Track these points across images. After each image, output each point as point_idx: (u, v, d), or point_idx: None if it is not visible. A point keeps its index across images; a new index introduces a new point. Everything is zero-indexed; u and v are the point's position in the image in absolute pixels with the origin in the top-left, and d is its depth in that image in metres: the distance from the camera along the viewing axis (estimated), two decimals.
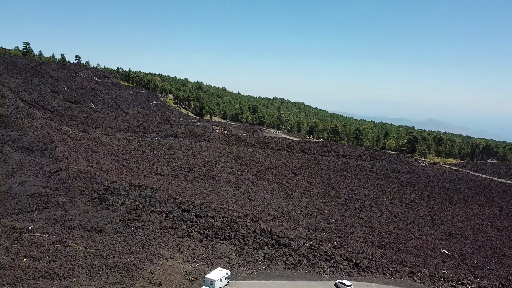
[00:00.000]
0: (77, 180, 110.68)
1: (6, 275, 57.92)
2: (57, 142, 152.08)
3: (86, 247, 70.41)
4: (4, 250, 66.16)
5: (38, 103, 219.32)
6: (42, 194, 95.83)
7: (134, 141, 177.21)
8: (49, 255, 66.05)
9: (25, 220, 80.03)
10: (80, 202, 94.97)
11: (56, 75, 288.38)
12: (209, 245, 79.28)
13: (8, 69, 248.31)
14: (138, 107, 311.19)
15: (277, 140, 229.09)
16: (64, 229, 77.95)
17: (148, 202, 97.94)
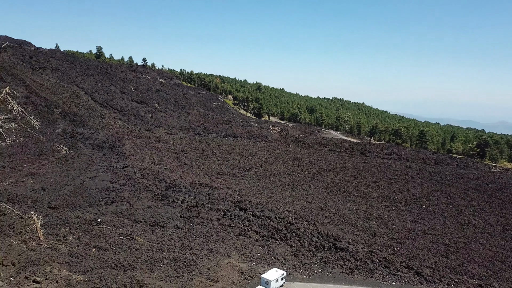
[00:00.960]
0: (141, 177, 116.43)
1: (77, 263, 62.40)
2: (124, 140, 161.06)
3: (149, 241, 73.86)
4: (76, 240, 71.35)
5: (108, 103, 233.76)
6: (110, 189, 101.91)
7: (195, 140, 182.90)
8: (115, 247, 70.15)
9: (95, 213, 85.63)
10: (144, 198, 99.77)
11: (124, 77, 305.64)
12: (265, 244, 79.76)
13: (82, 72, 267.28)
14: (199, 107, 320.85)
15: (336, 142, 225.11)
16: (129, 222, 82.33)
17: (207, 200, 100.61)
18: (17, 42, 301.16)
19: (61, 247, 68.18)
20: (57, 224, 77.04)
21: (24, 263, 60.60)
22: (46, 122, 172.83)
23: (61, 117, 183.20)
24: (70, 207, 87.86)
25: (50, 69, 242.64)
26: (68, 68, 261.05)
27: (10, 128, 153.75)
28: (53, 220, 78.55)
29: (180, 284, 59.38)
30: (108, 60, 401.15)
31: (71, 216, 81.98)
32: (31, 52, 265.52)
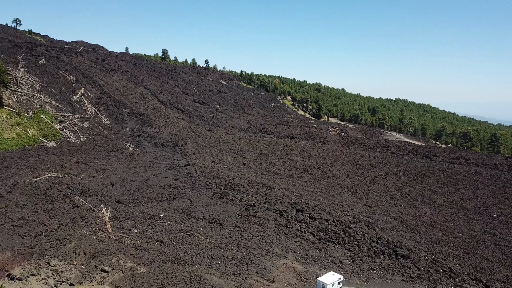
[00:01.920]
0: (202, 175, 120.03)
1: (141, 256, 65.78)
2: (187, 139, 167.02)
3: (208, 238, 75.96)
4: (140, 233, 75.21)
5: (172, 104, 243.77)
6: (173, 186, 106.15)
7: (253, 141, 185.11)
8: (176, 242, 72.98)
9: (158, 208, 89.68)
10: (204, 196, 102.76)
11: (187, 78, 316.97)
12: (322, 247, 78.77)
13: (149, 74, 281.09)
14: (258, 108, 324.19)
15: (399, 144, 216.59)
16: (190, 219, 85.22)
17: (265, 200, 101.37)
18: (92, 47, 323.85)
19: (127, 239, 72.23)
20: (123, 217, 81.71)
21: (94, 253, 64.97)
22: (115, 121, 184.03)
23: (129, 117, 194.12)
24: (135, 202, 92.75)
25: (120, 71, 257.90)
26: (136, 70, 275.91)
27: (84, 126, 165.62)
28: (120, 213, 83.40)
29: (236, 282, 60.46)
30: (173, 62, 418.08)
31: (136, 210, 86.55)
32: (103, 56, 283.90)
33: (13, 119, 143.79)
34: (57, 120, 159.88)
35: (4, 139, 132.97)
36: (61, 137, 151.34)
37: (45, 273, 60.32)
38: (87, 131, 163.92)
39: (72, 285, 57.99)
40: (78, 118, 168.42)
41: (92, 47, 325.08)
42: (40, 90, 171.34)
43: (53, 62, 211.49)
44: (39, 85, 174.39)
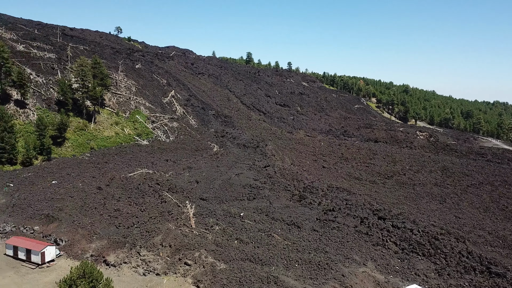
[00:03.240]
0: (281, 176, 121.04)
1: (221, 252, 68.35)
2: (267, 141, 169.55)
3: (285, 240, 76.44)
4: (221, 231, 78.13)
5: (254, 106, 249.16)
6: (253, 186, 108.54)
7: (334, 144, 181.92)
8: (255, 241, 74.55)
9: (238, 207, 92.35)
10: (283, 197, 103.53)
11: (270, 81, 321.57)
12: (405, 258, 74.92)
13: (234, 76, 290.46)
14: (341, 110, 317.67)
15: (496, 151, 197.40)
16: (268, 219, 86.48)
17: (344, 205, 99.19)
18: (182, 51, 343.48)
19: (209, 235, 75.52)
20: (206, 214, 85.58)
21: (179, 246, 69.01)
22: (202, 122, 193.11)
23: (214, 118, 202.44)
24: (218, 200, 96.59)
25: (207, 74, 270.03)
26: (222, 73, 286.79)
27: (173, 126, 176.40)
28: (203, 210, 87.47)
29: (313, 286, 60.06)
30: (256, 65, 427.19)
31: (218, 208, 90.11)
32: (192, 60, 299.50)
33: (113, 119, 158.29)
34: (150, 120, 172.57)
35: (104, 136, 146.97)
36: (153, 136, 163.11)
37: (135, 262, 65.53)
38: (176, 131, 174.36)
39: (158, 275, 62.25)
40: (168, 119, 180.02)
41: (182, 51, 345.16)
42: (136, 93, 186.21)
43: (148, 66, 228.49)
44: (135, 87, 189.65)
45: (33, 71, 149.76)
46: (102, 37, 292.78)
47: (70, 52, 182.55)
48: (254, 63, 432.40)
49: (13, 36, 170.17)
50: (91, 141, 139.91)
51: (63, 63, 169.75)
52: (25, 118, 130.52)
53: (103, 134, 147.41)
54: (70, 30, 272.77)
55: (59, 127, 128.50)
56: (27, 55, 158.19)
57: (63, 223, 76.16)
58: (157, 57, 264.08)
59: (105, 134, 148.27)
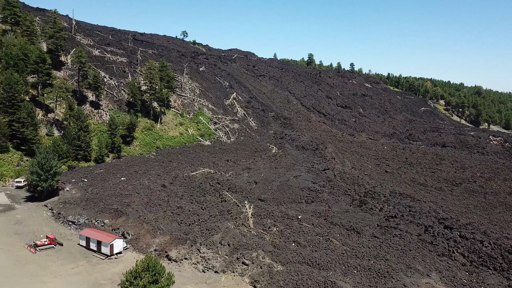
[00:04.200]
0: (341, 180, 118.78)
1: (279, 254, 68.59)
2: (327, 143, 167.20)
3: (344, 245, 74.94)
4: (279, 232, 78.41)
5: (314, 108, 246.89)
6: (311, 188, 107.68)
7: (398, 148, 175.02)
8: (312, 245, 73.91)
9: (296, 210, 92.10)
10: (342, 201, 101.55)
11: (331, 82, 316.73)
12: (473, 271, 70.24)
13: (294, 78, 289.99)
14: (406, 113, 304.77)
15: None
16: (327, 224, 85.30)
17: (408, 212, 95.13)
18: (244, 54, 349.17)
19: (266, 236, 76.12)
20: (264, 215, 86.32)
21: (237, 246, 70.31)
22: (261, 124, 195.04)
23: (273, 120, 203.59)
24: (276, 201, 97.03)
25: (268, 76, 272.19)
26: (282, 75, 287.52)
27: (234, 128, 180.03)
28: (261, 211, 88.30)
29: None
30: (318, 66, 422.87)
31: (276, 209, 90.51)
32: (254, 62, 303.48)
33: (177, 120, 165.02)
34: (212, 121, 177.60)
35: (169, 136, 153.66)
36: (214, 136, 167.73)
37: (195, 259, 67.78)
38: (237, 132, 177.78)
39: (216, 273, 63.87)
40: (229, 120, 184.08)
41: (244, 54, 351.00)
42: (200, 94, 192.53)
43: (211, 69, 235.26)
44: (199, 89, 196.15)
45: (106, 74, 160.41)
46: (169, 41, 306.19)
47: (140, 56, 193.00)
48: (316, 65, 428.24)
49: (90, 42, 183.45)
50: (157, 140, 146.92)
51: (133, 66, 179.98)
52: (98, 118, 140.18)
53: (168, 134, 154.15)
54: (140, 35, 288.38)
55: (128, 127, 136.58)
56: (102, 59, 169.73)
57: (130, 218, 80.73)
58: (220, 59, 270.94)
59: (170, 134, 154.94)
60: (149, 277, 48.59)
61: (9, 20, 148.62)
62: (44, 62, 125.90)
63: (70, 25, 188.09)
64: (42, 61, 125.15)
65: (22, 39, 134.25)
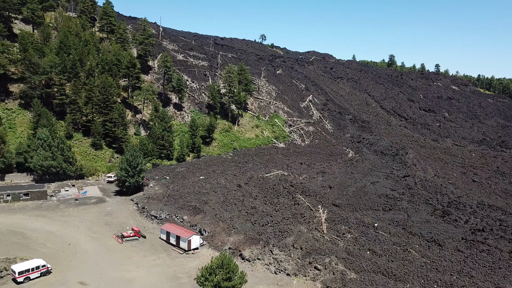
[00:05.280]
0: (422, 188, 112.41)
1: (352, 262, 66.87)
2: (408, 148, 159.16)
3: (423, 257, 70.87)
4: (353, 239, 76.45)
5: (395, 111, 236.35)
6: (389, 196, 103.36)
7: (488, 155, 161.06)
8: (389, 255, 70.92)
9: (372, 217, 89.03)
10: (423, 211, 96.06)
11: (414, 84, 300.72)
12: None
13: (374, 80, 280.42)
14: (498, 117, 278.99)
15: None
16: (405, 233, 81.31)
17: (498, 226, 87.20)
18: (321, 56, 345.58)
19: (340, 243, 74.64)
20: (338, 221, 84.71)
21: (309, 250, 69.89)
22: (337, 127, 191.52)
23: (350, 123, 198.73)
24: (350, 208, 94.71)
25: (345, 78, 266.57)
26: (361, 77, 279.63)
27: (309, 130, 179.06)
28: (335, 216, 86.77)
29: None
30: (399, 68, 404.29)
31: (351, 216, 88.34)
32: (331, 64, 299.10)
33: (253, 122, 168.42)
34: (287, 124, 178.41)
35: (246, 138, 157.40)
36: (289, 139, 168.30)
37: (268, 259, 68.64)
38: (312, 135, 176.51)
39: (288, 275, 64.06)
40: (304, 123, 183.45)
41: (322, 56, 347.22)
42: (276, 97, 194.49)
43: (288, 71, 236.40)
44: (275, 92, 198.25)
45: (189, 78, 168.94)
46: (248, 45, 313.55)
47: (220, 59, 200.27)
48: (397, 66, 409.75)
49: (175, 47, 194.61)
50: (234, 141, 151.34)
51: (213, 70, 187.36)
52: (181, 119, 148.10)
53: (244, 136, 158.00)
54: (221, 40, 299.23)
55: (208, 128, 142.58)
56: (185, 63, 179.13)
57: (207, 215, 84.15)
58: (297, 62, 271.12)
59: (246, 136, 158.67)
60: (223, 274, 50.31)
61: (105, 29, 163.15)
62: (134, 67, 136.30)
63: (158, 32, 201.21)
64: (133, 66, 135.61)
65: (116, 46, 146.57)
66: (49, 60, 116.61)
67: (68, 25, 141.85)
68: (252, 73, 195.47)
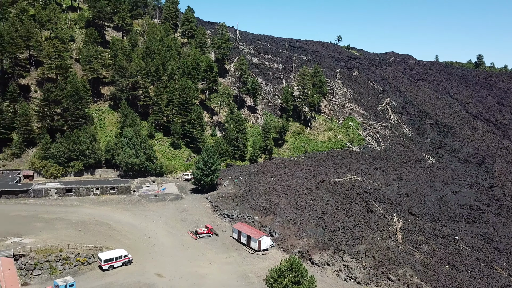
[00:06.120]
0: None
1: (429, 275, 63.22)
2: (496, 157, 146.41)
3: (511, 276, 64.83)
4: (431, 251, 72.19)
5: (482, 115, 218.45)
6: (473, 207, 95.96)
7: None
8: (471, 270, 65.91)
9: (453, 229, 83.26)
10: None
11: (505, 87, 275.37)
12: None
13: (458, 82, 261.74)
14: None
15: None
16: (490, 248, 75.00)
17: None
18: (401, 57, 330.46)
19: (416, 254, 70.92)
20: (414, 231, 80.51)
21: (382, 259, 67.34)
22: (417, 132, 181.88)
23: (431, 128, 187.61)
24: (429, 217, 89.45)
25: (427, 80, 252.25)
26: (444, 79, 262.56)
27: (385, 134, 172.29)
28: (412, 226, 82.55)
29: None
30: (488, 69, 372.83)
31: (429, 226, 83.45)
32: (411, 65, 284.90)
33: (327, 125, 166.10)
34: (362, 127, 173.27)
35: (318, 141, 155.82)
36: (364, 143, 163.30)
37: (338, 266, 67.40)
38: (388, 139, 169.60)
39: (359, 284, 62.31)
40: (381, 127, 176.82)
41: (401, 57, 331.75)
42: (351, 100, 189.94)
43: (364, 73, 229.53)
44: (350, 95, 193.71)
45: (263, 80, 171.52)
46: (323, 47, 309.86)
47: (294, 62, 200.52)
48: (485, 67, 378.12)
49: (251, 50, 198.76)
50: (306, 144, 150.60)
51: (287, 72, 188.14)
52: (254, 121, 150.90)
53: (317, 139, 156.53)
54: (296, 42, 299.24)
55: (280, 130, 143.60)
56: (260, 66, 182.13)
57: (278, 217, 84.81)
58: (374, 63, 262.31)
59: (318, 138, 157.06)
60: (292, 278, 50.43)
61: (186, 34, 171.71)
62: (212, 70, 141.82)
63: (235, 36, 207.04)
64: (210, 69, 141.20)
65: (195, 50, 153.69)
66: (136, 64, 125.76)
67: (153, 31, 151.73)
68: (326, 75, 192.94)
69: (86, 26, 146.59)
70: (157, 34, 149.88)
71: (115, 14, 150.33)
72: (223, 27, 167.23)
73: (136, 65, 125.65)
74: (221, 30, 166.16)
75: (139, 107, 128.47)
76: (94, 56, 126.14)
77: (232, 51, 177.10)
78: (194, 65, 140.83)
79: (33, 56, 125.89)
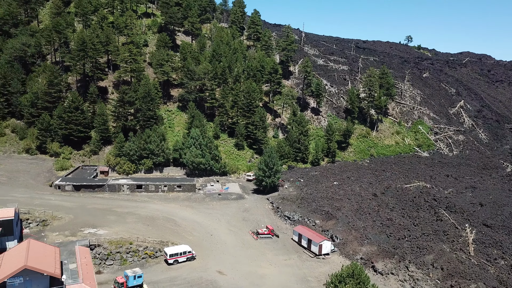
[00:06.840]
0: None
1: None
2: None
3: None
4: (508, 266, 66.65)
5: None
6: None
7: None
8: None
9: None
10: None
11: None
12: None
13: None
14: None
15: None
16: None
17: None
18: (478, 57, 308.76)
19: (490, 269, 65.98)
20: (489, 243, 74.90)
21: (452, 272, 63.49)
22: (494, 137, 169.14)
23: (511, 133, 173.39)
24: (506, 230, 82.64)
25: (507, 82, 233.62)
26: None
27: (458, 139, 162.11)
28: (486, 238, 76.87)
29: None
30: None
31: (505, 239, 77.15)
32: (489, 66, 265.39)
33: (394, 128, 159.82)
34: (432, 132, 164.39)
35: (384, 145, 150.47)
36: (434, 148, 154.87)
37: (402, 276, 64.66)
38: (461, 145, 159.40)
39: None
40: (453, 131, 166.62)
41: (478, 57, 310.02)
42: (421, 102, 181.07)
43: (436, 75, 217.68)
44: (420, 97, 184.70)
45: (328, 82, 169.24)
46: (392, 47, 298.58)
47: (361, 63, 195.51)
48: None
49: (316, 52, 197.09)
50: (371, 148, 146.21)
51: (353, 74, 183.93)
52: (317, 123, 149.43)
53: (383, 143, 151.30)
54: (363, 43, 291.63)
55: (344, 133, 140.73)
56: (325, 68, 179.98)
57: (340, 222, 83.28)
58: (447, 64, 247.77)
59: (385, 142, 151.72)
60: (353, 285, 49.31)
61: (252, 37, 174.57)
62: (276, 73, 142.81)
63: (300, 38, 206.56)
64: (275, 72, 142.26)
65: (260, 52, 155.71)
66: (203, 67, 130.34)
67: (220, 35, 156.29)
68: (395, 77, 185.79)
69: (159, 31, 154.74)
70: (224, 38, 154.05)
71: (185, 19, 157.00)
72: (288, 29, 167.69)
73: (204, 68, 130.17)
74: (286, 32, 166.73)
75: (206, 108, 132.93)
76: (165, 59, 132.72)
77: (297, 53, 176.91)
78: (259, 68, 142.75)
79: (111, 60, 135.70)
